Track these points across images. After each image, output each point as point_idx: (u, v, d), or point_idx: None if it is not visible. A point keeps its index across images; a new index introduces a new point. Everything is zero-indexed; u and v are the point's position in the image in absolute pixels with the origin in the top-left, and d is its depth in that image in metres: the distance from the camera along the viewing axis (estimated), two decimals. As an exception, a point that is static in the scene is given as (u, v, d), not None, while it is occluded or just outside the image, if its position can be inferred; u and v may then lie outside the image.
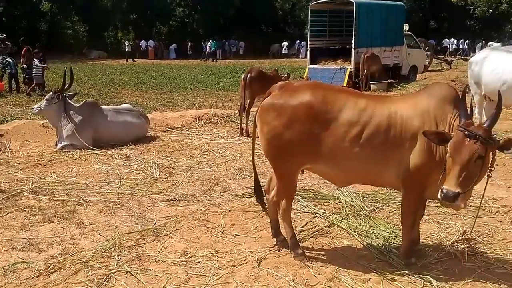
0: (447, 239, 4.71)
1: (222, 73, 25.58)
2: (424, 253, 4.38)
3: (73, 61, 34.49)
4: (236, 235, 4.76)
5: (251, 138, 4.70)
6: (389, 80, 18.42)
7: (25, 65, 15.83)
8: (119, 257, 4.16)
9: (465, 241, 4.62)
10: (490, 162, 3.49)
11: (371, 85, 17.60)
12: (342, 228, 4.96)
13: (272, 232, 4.54)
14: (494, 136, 3.39)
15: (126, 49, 38.52)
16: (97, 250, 4.29)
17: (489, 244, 4.65)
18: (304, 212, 5.41)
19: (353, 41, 17.82)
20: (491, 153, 3.44)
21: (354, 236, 4.76)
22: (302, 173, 4.63)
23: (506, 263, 4.25)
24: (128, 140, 8.47)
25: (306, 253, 4.29)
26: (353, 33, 17.77)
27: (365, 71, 17.46)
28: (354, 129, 3.77)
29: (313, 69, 18.75)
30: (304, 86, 4.06)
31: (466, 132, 3.31)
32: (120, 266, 4.01)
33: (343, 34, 20.02)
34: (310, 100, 3.86)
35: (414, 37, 21.88)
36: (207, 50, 39.66)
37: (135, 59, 37.81)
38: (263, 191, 4.49)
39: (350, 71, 17.87)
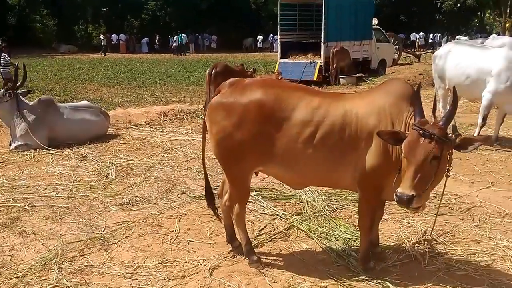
0: (408, 239, 4.58)
1: (194, 67, 25.22)
2: (384, 256, 4.23)
3: (42, 56, 33.67)
4: (190, 241, 4.52)
5: None
6: (359, 74, 18.38)
7: None
8: (60, 269, 3.88)
9: (426, 242, 4.49)
10: (447, 162, 3.34)
11: (341, 79, 17.53)
12: (302, 230, 4.79)
13: (226, 238, 4.33)
14: (450, 134, 3.26)
15: (102, 43, 37.75)
16: (37, 262, 4.00)
17: (450, 244, 4.53)
18: (264, 213, 5.21)
19: (322, 35, 17.70)
20: (448, 152, 3.28)
21: (313, 239, 4.59)
22: (256, 175, 4.44)
23: (467, 264, 4.13)
24: (86, 139, 8.13)
25: (262, 259, 4.10)
26: (323, 27, 17.65)
27: (334, 65, 17.37)
28: (307, 129, 3.59)
29: (284, 64, 18.59)
30: (255, 83, 3.84)
31: (420, 131, 3.15)
32: (59, 280, 3.73)
33: (313, 28, 19.85)
34: (261, 98, 3.66)
35: (383, 31, 21.92)
36: (174, 44, 39.13)
37: (106, 53, 37.08)
38: (215, 195, 4.28)
39: (320, 65, 17.76)
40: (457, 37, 27.90)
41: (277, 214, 5.15)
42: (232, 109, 3.67)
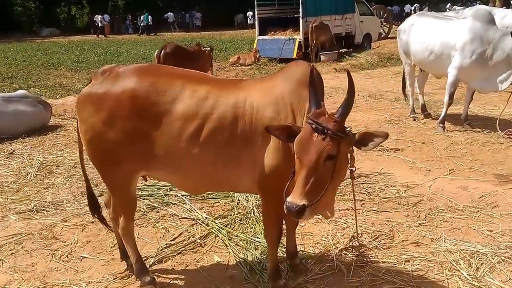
0: (337, 245, 4.01)
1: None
2: (303, 268, 3.66)
3: (21, 40, 32.89)
4: (83, 257, 3.93)
5: None
6: (341, 50, 17.63)
7: None
8: None
9: (354, 249, 3.92)
10: (348, 161, 2.72)
11: (321, 56, 16.79)
12: (220, 237, 4.21)
13: (120, 254, 3.76)
14: (348, 129, 2.64)
15: (100, 25, 36.79)
16: None
17: (385, 249, 3.96)
18: (184, 218, 4.63)
19: (300, 10, 16.88)
20: (349, 150, 2.68)
21: (230, 249, 4.02)
22: (146, 180, 3.85)
23: (397, 274, 3.57)
24: (22, 132, 7.50)
25: (160, 278, 3.56)
26: (300, 1, 16.82)
27: (314, 41, 16.61)
28: (191, 124, 2.97)
29: (262, 41, 17.85)
30: (130, 70, 3.15)
31: (313, 125, 2.54)
32: None
33: (293, 3, 18.99)
34: (134, 88, 3.02)
35: (367, 4, 21.02)
36: (142, 24, 38.13)
37: (107, 35, 36.13)
38: (101, 205, 3.70)
39: (300, 42, 17.00)
40: (453, 7, 26.97)
41: (198, 219, 4.57)
42: (101, 103, 3.04)
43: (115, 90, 3.03)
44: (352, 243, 3.97)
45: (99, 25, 37.21)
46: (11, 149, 6.88)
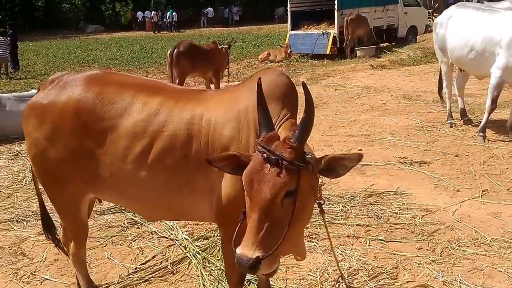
0: (323, 285, 3.31)
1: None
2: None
3: (67, 37, 33.50)
4: (45, 279, 3.58)
5: None
6: (381, 44, 16.59)
7: None
8: None
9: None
10: (313, 192, 2.09)
11: (357, 52, 15.84)
12: (195, 264, 3.64)
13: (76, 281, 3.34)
14: (309, 155, 2.00)
15: (169, 20, 36.96)
16: None
17: (383, 292, 3.22)
18: (163, 237, 4.09)
19: (336, 2, 15.95)
20: (313, 180, 2.05)
21: (201, 280, 3.43)
22: (100, 202, 3.34)
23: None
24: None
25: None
26: (336, -8, 15.89)
27: (349, 35, 15.68)
28: (138, 143, 2.55)
29: (294, 36, 17.08)
30: (79, 79, 2.72)
31: (264, 154, 1.95)
32: None
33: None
34: (79, 100, 2.63)
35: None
36: (168, 20, 37.51)
37: (160, 31, 36.26)
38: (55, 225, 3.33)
39: (334, 36, 16.09)
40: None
41: (177, 239, 4.02)
42: (45, 115, 2.68)
43: (60, 102, 2.67)
44: (338, 286, 3.25)
45: (167, 20, 37.06)
46: (17, 151, 6.76)
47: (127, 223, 4.43)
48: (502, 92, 6.52)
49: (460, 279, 3.32)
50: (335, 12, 16.02)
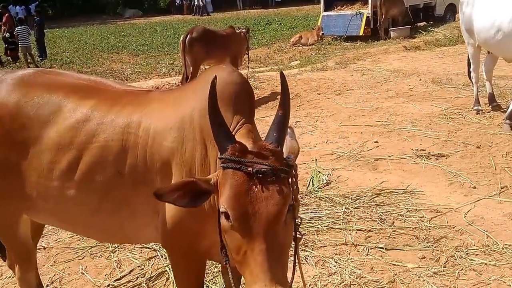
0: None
1: (256, 24, 23.60)
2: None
3: (104, 23, 33.74)
4: None
5: None
6: (418, 24, 15.78)
7: (7, 34, 14.70)
8: None
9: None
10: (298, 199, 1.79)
11: (391, 32, 15.16)
12: (171, 281, 3.44)
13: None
14: (290, 157, 1.73)
15: (197, 3, 36.59)
16: None
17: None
18: (146, 248, 3.87)
19: (369, -20, 15.29)
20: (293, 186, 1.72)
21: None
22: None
23: None
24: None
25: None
26: (369, -31, 15.20)
27: (383, 15, 15.01)
28: (63, 157, 2.20)
29: (327, 17, 16.51)
30: (8, 79, 2.40)
31: (248, 169, 1.57)
32: None
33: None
34: (2, 104, 2.31)
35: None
36: (196, 4, 36.41)
37: (208, 13, 35.96)
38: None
39: (368, 17, 15.45)
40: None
41: (159, 250, 3.81)
42: None
43: None
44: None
45: (196, 3, 36.56)
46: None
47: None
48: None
49: (461, 295, 3.02)
50: (369, -10, 15.37)
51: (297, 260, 1.89)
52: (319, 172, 4.97)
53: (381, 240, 3.70)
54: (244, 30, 8.74)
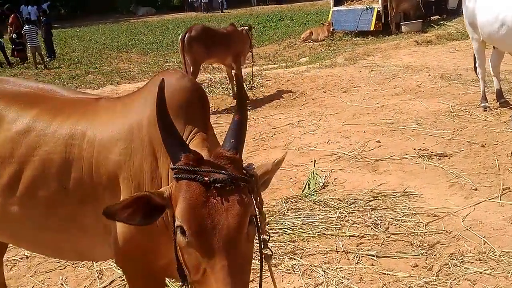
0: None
1: (268, 21, 23.44)
2: None
3: (117, 21, 33.85)
4: None
5: None
6: (432, 17, 15.45)
7: (14, 35, 14.73)
8: None
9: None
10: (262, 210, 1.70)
11: (403, 27, 14.88)
12: None
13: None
14: (252, 166, 1.61)
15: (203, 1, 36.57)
16: None
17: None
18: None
19: (379, -27, 15.02)
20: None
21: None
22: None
23: None
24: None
25: None
26: (379, -38, 14.92)
27: (394, 10, 14.75)
28: (4, 171, 2.09)
29: (337, 12, 16.30)
30: None
31: (204, 178, 1.45)
32: None
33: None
34: None
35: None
36: (204, 0, 36.23)
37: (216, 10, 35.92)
38: None
39: (378, 11, 15.19)
40: None
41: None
42: None
43: None
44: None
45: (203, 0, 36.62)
46: None
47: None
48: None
49: (452, 307, 2.89)
50: (379, -16, 15.10)
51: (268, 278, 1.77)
52: (317, 174, 4.85)
53: (373, 247, 3.58)
54: (246, 28, 8.59)
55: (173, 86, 1.89)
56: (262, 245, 1.71)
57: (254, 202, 1.58)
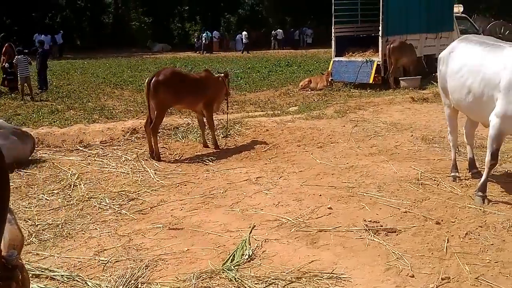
0: None
1: (275, 65, 23.42)
2: None
3: (132, 56, 34.23)
4: None
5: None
6: (434, 74, 15.01)
7: (6, 64, 14.63)
8: None
9: None
10: None
11: (401, 82, 14.57)
12: None
13: None
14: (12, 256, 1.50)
15: (203, 41, 37.04)
16: None
17: None
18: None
19: (380, 28, 14.83)
20: None
21: None
22: None
23: None
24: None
25: None
26: (380, 17, 14.75)
27: (392, 64, 14.48)
28: None
29: (338, 63, 16.07)
30: None
31: None
32: None
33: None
34: None
35: (470, 20, 18.04)
36: (202, 42, 36.75)
37: (213, 52, 36.47)
38: None
39: (378, 64, 14.93)
40: None
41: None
42: None
43: None
44: None
45: (203, 41, 37.13)
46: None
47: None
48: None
49: None
50: (379, 38, 14.88)
51: None
52: (247, 245, 4.41)
53: None
54: (223, 75, 8.33)
55: None
56: None
57: None
